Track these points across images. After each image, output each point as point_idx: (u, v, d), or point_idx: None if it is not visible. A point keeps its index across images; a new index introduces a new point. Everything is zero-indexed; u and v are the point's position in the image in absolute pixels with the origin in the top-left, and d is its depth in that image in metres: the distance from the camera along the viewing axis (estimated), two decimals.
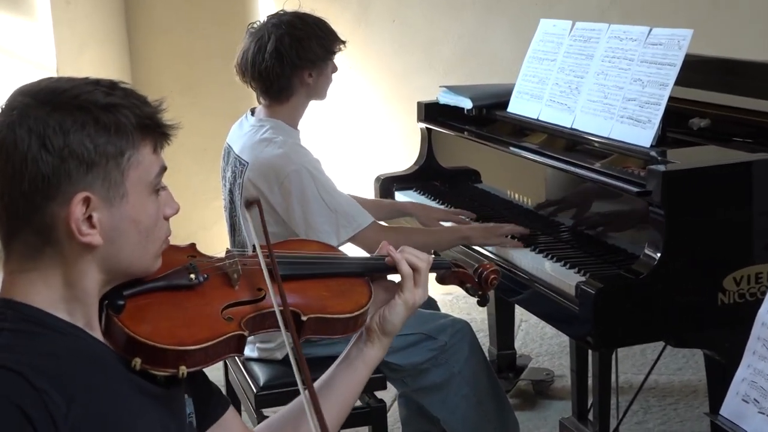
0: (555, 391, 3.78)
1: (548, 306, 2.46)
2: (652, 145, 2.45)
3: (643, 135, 2.49)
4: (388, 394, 3.25)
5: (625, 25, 2.75)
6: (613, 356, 3.05)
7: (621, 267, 2.33)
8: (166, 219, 1.42)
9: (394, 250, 1.67)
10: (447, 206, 3.19)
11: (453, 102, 3.32)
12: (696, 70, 2.84)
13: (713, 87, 2.98)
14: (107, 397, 1.30)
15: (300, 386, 1.47)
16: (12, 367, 1.22)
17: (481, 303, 1.80)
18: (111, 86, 1.36)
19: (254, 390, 2.69)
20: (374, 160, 5.05)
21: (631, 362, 3.97)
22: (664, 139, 2.51)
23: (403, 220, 3.17)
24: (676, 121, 2.67)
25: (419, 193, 3.40)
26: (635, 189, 2.29)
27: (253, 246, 1.56)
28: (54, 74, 4.63)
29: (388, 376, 2.73)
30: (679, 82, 2.48)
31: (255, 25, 2.85)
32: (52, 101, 1.31)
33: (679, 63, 2.47)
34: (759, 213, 2.29)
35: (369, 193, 3.49)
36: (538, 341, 4.31)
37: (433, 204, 3.24)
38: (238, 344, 1.46)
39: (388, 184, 3.48)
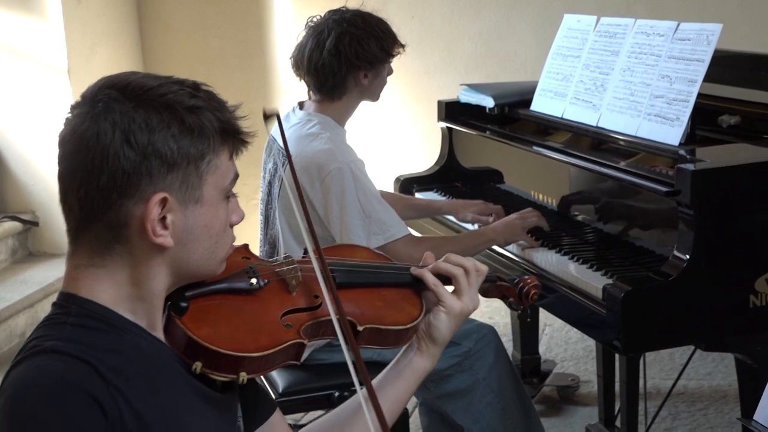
0: (581, 396, 3.78)
1: (574, 309, 2.46)
2: (680, 144, 2.45)
3: (671, 133, 2.48)
4: (410, 401, 3.25)
5: (652, 20, 2.75)
6: (641, 361, 3.05)
7: (649, 269, 2.33)
8: (232, 226, 1.44)
9: (432, 259, 1.68)
10: None
11: (474, 101, 3.32)
12: (725, 65, 2.84)
13: (743, 83, 2.98)
14: (167, 398, 1.32)
15: (361, 398, 1.47)
16: (80, 356, 1.25)
17: (522, 317, 1.85)
18: (195, 87, 1.37)
19: (273, 396, 2.71)
20: (394, 160, 5.06)
21: (659, 367, 3.96)
22: (693, 137, 2.50)
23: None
24: (705, 119, 2.66)
25: (440, 194, 3.41)
26: (664, 189, 2.29)
27: (305, 250, 1.58)
28: (65, 75, 4.67)
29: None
30: (707, 78, 2.47)
31: (315, 20, 2.87)
32: (139, 97, 1.31)
33: (708, 58, 2.46)
34: None
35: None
36: (563, 346, 4.31)
37: None
38: (297, 352, 1.48)
39: (408, 185, 3.49)
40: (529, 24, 4.97)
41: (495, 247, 2.85)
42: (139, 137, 1.29)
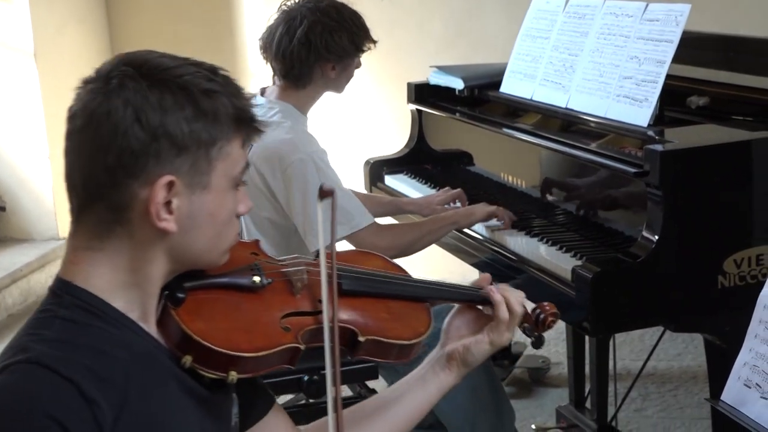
0: (551, 378, 3.79)
1: (543, 291, 2.45)
2: (649, 125, 2.44)
3: (640, 114, 2.48)
4: (380, 383, 3.25)
5: (621, 0, 2.74)
6: (611, 342, 3.06)
7: (618, 250, 2.33)
8: (238, 217, 1.41)
9: (494, 290, 1.66)
10: (439, 190, 3.18)
11: (444, 82, 3.31)
12: (694, 46, 2.83)
13: (712, 64, 2.98)
14: (155, 398, 1.29)
15: (330, 410, 1.39)
16: (64, 373, 1.21)
17: (536, 345, 1.81)
18: (212, 71, 1.34)
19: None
20: (364, 142, 5.04)
21: (629, 348, 3.98)
22: (661, 118, 2.50)
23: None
24: (674, 100, 2.66)
25: (410, 176, 3.40)
26: (632, 170, 2.28)
27: (316, 253, 1.52)
28: (31, 58, 4.61)
29: (379, 365, 2.72)
30: (676, 59, 2.46)
31: (289, 4, 2.83)
32: (154, 76, 1.29)
33: (676, 39, 2.45)
34: (760, 193, 2.28)
35: (359, 177, 3.48)
36: None
37: (425, 188, 3.24)
38: (292, 357, 1.44)
39: (377, 168, 3.47)
40: (500, 4, 4.96)
41: (464, 229, 2.84)
42: (151, 117, 1.27)
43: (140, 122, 1.26)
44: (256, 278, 1.45)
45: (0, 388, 1.22)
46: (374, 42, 2.87)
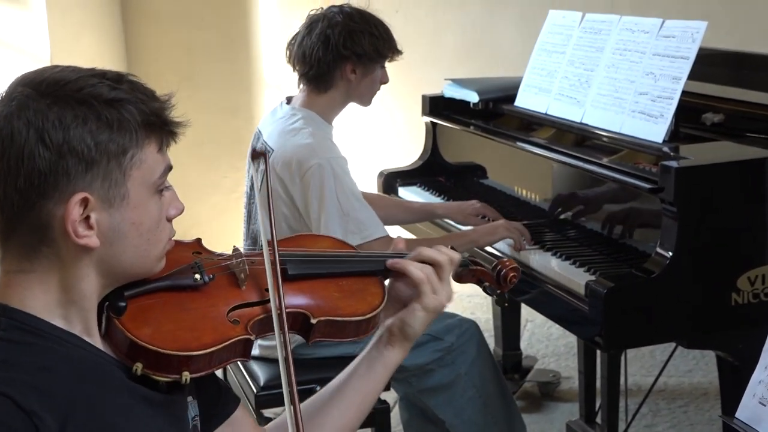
0: (561, 393, 3.78)
1: (557, 306, 2.46)
2: (664, 141, 2.45)
3: (655, 130, 2.48)
4: (392, 395, 3.25)
5: (636, 16, 2.75)
6: (622, 357, 3.06)
7: (632, 266, 2.33)
8: (170, 220, 1.38)
9: (398, 260, 1.60)
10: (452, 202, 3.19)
11: (459, 95, 3.32)
12: (709, 63, 2.84)
13: (726, 81, 2.98)
14: (103, 412, 1.26)
15: (286, 400, 1.39)
16: (1, 390, 1.18)
17: (499, 302, 1.77)
18: (117, 79, 1.31)
19: (254, 390, 2.69)
20: (377, 154, 5.05)
21: (640, 364, 3.97)
22: (676, 134, 2.50)
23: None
24: (689, 116, 2.66)
25: (423, 188, 3.40)
26: (647, 186, 2.29)
27: (261, 244, 1.53)
28: (47, 63, 4.63)
29: (392, 377, 2.73)
30: (691, 76, 2.47)
31: (314, 11, 2.85)
32: (53, 93, 1.26)
33: (692, 56, 2.46)
34: None
35: (372, 188, 3.49)
36: (544, 342, 4.31)
37: (438, 200, 3.24)
38: (245, 349, 1.42)
39: (391, 180, 3.48)
40: (513, 19, 4.96)
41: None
42: (53, 135, 1.24)
43: (44, 142, 1.24)
44: (197, 276, 1.44)
45: None
46: (399, 52, 2.87)
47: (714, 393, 3.68)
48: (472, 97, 3.24)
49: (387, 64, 2.90)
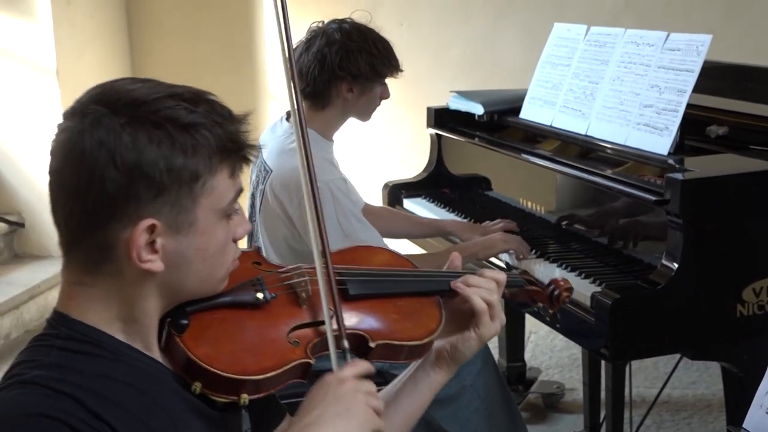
0: (565, 404, 3.78)
1: (562, 317, 2.46)
2: (669, 153, 2.46)
3: (660, 142, 2.49)
4: None
5: (640, 30, 2.76)
6: (627, 369, 3.06)
7: (638, 277, 2.33)
8: (236, 241, 1.36)
9: (460, 285, 1.58)
10: (458, 214, 3.20)
11: (464, 107, 3.33)
12: (713, 76, 2.85)
13: (731, 94, 2.99)
14: (161, 422, 1.26)
15: None
16: (62, 389, 1.19)
17: (551, 323, 1.76)
18: (194, 101, 1.27)
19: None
20: (383, 166, 5.06)
21: (644, 375, 3.97)
22: (681, 146, 2.51)
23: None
24: (694, 129, 2.67)
25: (428, 200, 3.41)
26: (653, 198, 2.30)
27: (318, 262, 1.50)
28: (54, 77, 4.65)
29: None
30: (696, 89, 2.48)
31: (316, 25, 2.83)
32: (128, 113, 1.23)
33: (697, 69, 2.47)
34: None
35: (377, 200, 3.50)
36: (548, 353, 4.32)
37: (443, 212, 3.25)
38: (304, 372, 1.41)
39: (396, 192, 3.49)
40: (516, 32, 4.99)
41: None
42: (126, 157, 1.21)
43: (115, 163, 1.21)
44: (260, 294, 1.42)
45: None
46: (399, 70, 2.84)
47: (718, 405, 3.68)
48: (478, 109, 3.25)
49: (390, 79, 2.90)
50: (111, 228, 1.24)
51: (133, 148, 1.21)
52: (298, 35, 2.92)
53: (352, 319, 1.48)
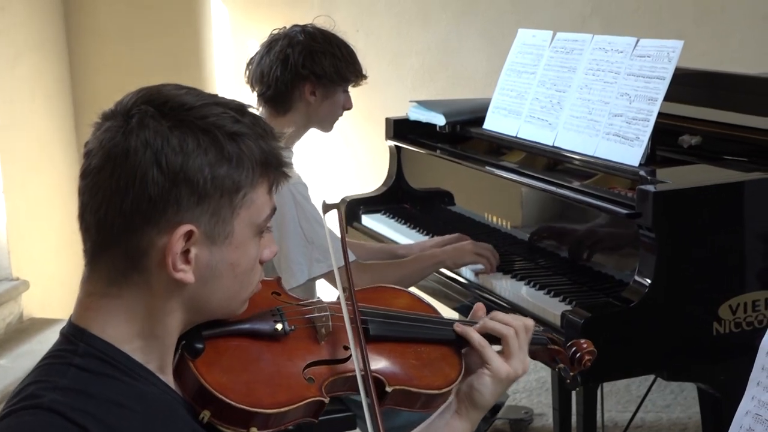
0: (534, 430, 3.79)
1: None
2: (640, 164, 2.48)
3: (630, 153, 2.51)
4: None
5: (608, 35, 2.79)
6: (599, 392, 3.08)
7: (609, 294, 2.35)
8: (262, 263, 1.39)
9: (469, 329, 1.59)
10: (419, 231, 3.20)
11: (424, 118, 3.34)
12: (684, 83, 2.88)
13: (703, 102, 3.02)
14: None
15: None
16: (77, 420, 1.20)
17: (571, 386, 1.76)
18: (240, 111, 1.31)
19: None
20: (339, 180, 5.06)
21: (616, 399, 4.00)
22: (653, 157, 2.54)
23: None
24: (666, 139, 2.70)
25: (388, 216, 3.41)
26: (624, 211, 2.32)
27: (338, 297, 1.51)
28: None
29: (357, 415, 2.72)
30: (667, 97, 2.51)
31: (278, 30, 2.88)
32: (177, 116, 1.26)
33: (668, 76, 2.50)
34: (754, 236, 2.33)
35: (334, 216, 3.48)
36: None
37: (404, 228, 3.25)
38: (317, 411, 1.42)
39: (354, 207, 3.48)
40: (479, 37, 5.01)
41: (447, 272, 2.85)
42: (171, 160, 1.24)
43: (160, 165, 1.24)
44: (279, 326, 1.43)
45: (5, 428, 1.21)
46: (363, 77, 2.90)
47: (693, 428, 3.71)
48: (439, 120, 3.26)
49: (350, 88, 2.92)
50: (145, 233, 1.26)
51: (180, 152, 1.25)
52: (250, 45, 2.92)
53: (371, 360, 1.48)
